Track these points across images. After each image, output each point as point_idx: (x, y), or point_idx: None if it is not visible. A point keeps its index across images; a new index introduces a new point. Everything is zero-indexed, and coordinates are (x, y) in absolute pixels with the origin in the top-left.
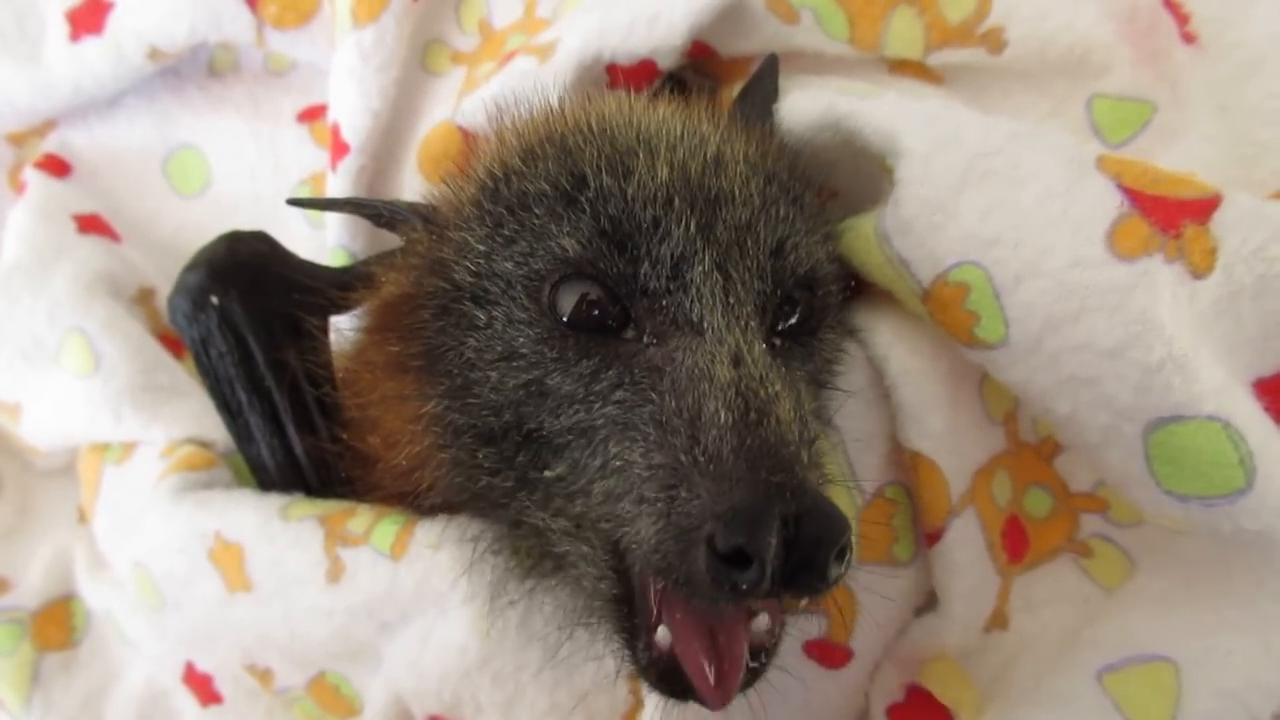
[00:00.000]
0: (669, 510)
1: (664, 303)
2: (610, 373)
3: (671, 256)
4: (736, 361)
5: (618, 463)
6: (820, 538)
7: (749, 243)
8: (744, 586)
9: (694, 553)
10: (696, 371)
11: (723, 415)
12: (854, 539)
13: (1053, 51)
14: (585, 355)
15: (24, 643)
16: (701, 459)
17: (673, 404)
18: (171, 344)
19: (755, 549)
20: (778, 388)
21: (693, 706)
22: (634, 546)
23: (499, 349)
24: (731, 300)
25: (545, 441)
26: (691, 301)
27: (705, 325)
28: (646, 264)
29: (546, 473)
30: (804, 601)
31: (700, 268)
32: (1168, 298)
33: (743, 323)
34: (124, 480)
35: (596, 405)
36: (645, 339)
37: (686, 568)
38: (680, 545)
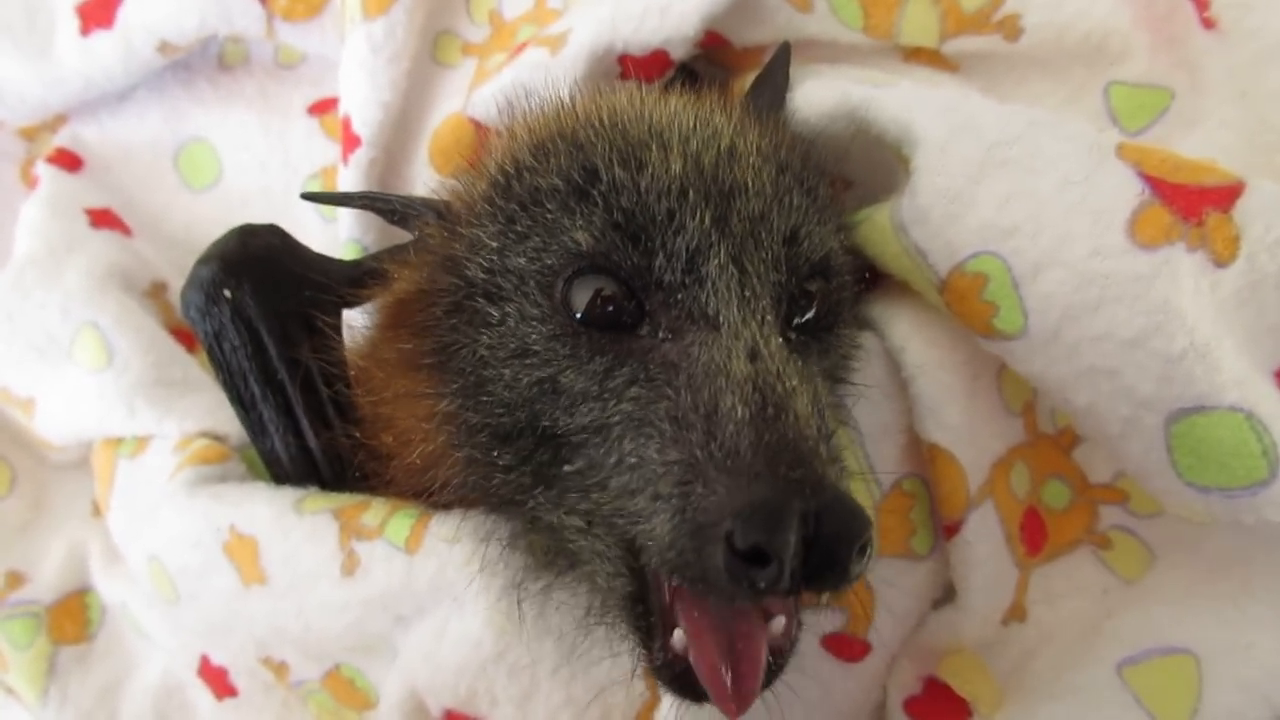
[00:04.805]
0: (685, 506)
1: (679, 296)
2: (625, 370)
3: (686, 249)
4: (753, 355)
5: (633, 459)
6: (840, 534)
7: (763, 233)
8: (762, 585)
9: (711, 549)
10: (713, 366)
11: (739, 410)
12: (874, 534)
13: (1070, 38)
14: (599, 352)
15: (39, 636)
16: (718, 454)
17: (688, 399)
18: (184, 338)
19: (774, 547)
20: (795, 382)
21: (709, 706)
22: (649, 544)
23: (512, 346)
24: (747, 293)
25: (562, 439)
26: (707, 295)
27: (721, 319)
28: (661, 256)
29: (566, 467)
30: (824, 597)
31: (716, 261)
32: (1189, 287)
33: (759, 316)
34: (138, 474)
35: (611, 403)
36: (660, 334)
37: (703, 565)
38: (696, 542)
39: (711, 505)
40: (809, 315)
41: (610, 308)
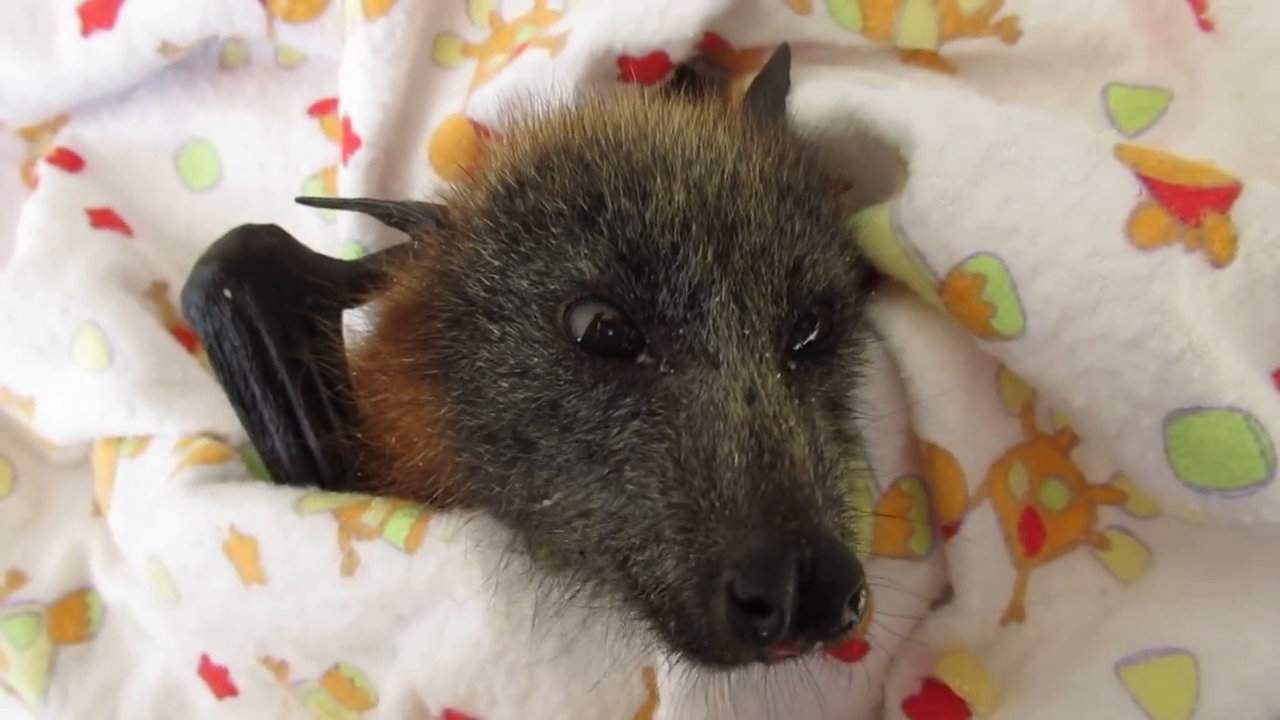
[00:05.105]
0: (688, 555)
1: (681, 331)
2: (628, 400)
3: (689, 285)
4: (751, 397)
5: (631, 487)
6: (834, 582)
7: (764, 268)
8: (765, 634)
9: (714, 602)
10: (711, 409)
11: (736, 458)
12: (868, 584)
13: (1068, 40)
14: (601, 379)
15: (40, 636)
16: (718, 504)
17: (689, 442)
18: (184, 337)
19: (774, 598)
20: (792, 424)
21: (708, 701)
22: (652, 583)
23: (511, 363)
24: (747, 331)
25: (538, 457)
26: (708, 333)
27: (721, 358)
28: (664, 291)
29: (545, 502)
30: (819, 646)
31: (717, 298)
32: (1187, 287)
33: (757, 355)
34: (138, 474)
35: (614, 431)
36: (662, 367)
37: (708, 618)
38: (700, 595)
39: (713, 556)
40: (811, 338)
41: (610, 332)
